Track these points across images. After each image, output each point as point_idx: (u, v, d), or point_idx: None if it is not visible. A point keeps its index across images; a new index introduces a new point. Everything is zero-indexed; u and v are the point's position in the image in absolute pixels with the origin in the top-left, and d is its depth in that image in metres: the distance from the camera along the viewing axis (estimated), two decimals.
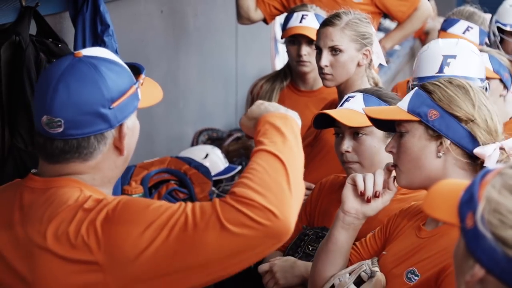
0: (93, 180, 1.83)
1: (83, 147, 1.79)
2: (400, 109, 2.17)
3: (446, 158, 2.12)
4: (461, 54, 2.93)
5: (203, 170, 4.10)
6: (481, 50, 3.56)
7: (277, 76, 4.06)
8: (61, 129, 1.77)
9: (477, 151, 2.07)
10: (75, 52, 1.83)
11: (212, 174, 4.20)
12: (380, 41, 4.62)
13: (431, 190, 1.37)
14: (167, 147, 4.75)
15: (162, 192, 3.91)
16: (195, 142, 5.20)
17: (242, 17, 4.61)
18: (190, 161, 4.13)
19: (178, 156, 4.31)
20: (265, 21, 4.65)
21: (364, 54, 3.21)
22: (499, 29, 4.14)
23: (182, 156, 4.29)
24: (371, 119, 2.29)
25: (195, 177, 4.02)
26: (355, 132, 2.64)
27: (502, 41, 4.13)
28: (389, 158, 2.67)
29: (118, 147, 1.83)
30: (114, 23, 3.44)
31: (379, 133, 2.64)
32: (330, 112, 2.68)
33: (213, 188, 4.22)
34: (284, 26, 3.90)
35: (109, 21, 3.37)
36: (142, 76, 1.87)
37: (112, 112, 1.78)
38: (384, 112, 2.29)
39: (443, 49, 2.94)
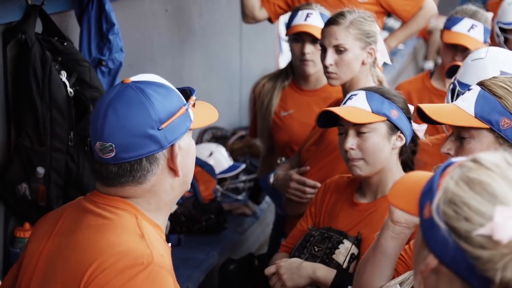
0: (149, 204, 1.83)
1: (136, 170, 1.79)
2: (464, 112, 2.07)
3: None
4: None
5: (208, 168, 4.10)
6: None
7: (279, 75, 4.02)
8: (113, 154, 1.78)
9: None
10: (124, 79, 1.85)
11: (217, 172, 4.21)
12: (384, 40, 4.61)
13: (397, 181, 1.38)
14: None
15: None
16: (199, 141, 5.21)
17: (247, 16, 4.59)
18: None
19: None
20: (269, 20, 4.62)
21: (368, 52, 3.20)
22: (501, 29, 4.12)
23: None
24: (424, 116, 2.17)
25: (199, 175, 4.02)
26: (359, 131, 2.64)
27: (506, 40, 4.11)
28: (392, 155, 2.67)
29: (172, 168, 1.82)
30: (119, 22, 3.45)
31: (383, 130, 2.64)
32: (334, 109, 2.68)
33: (217, 186, 4.23)
34: (289, 24, 3.86)
35: (114, 20, 3.39)
36: (193, 97, 1.87)
37: (161, 133, 1.78)
38: (448, 115, 2.15)
39: (502, 64, 2.78)
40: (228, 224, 4.06)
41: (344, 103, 2.72)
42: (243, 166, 4.56)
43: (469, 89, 2.19)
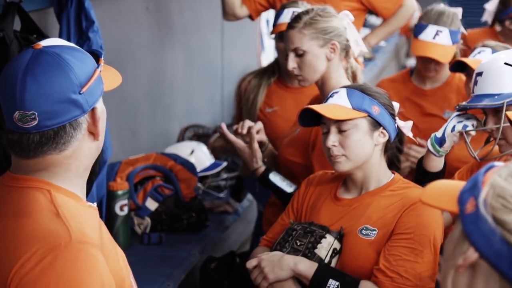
0: (68, 172, 1.81)
1: (60, 136, 1.77)
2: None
3: None
4: None
5: (189, 166, 4.11)
6: (485, 45, 3.58)
7: (265, 72, 4.04)
8: (35, 122, 1.74)
9: None
10: (34, 44, 1.81)
11: (198, 170, 4.22)
12: (365, 38, 4.65)
13: (428, 186, 1.42)
14: (152, 143, 4.76)
15: (147, 188, 3.92)
16: (181, 138, 5.22)
17: (227, 14, 4.59)
18: (175, 157, 4.14)
19: (163, 152, 4.32)
20: (250, 17, 4.63)
21: (331, 48, 3.18)
22: None
23: (167, 153, 4.30)
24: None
25: (180, 173, 4.03)
26: (340, 128, 2.65)
27: None
28: (375, 151, 2.69)
29: (92, 132, 1.82)
30: (99, 20, 3.44)
31: (364, 126, 2.65)
32: (315, 107, 2.69)
33: (199, 184, 4.24)
34: (275, 22, 3.86)
35: (94, 17, 3.37)
36: (102, 60, 1.87)
37: (83, 97, 1.77)
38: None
39: None
40: (209, 222, 4.07)
41: (326, 101, 2.74)
42: (225, 164, 4.57)
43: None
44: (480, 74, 2.81)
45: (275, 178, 3.25)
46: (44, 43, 1.82)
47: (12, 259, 1.68)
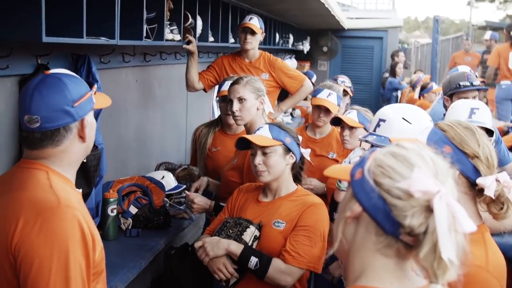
0: (61, 161, 1.66)
1: (56, 135, 1.63)
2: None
3: None
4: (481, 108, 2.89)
5: (159, 185, 3.87)
6: (352, 108, 3.54)
7: (211, 124, 3.91)
8: (38, 124, 1.61)
9: (479, 181, 1.65)
10: (45, 71, 1.71)
11: (166, 189, 3.97)
12: (279, 105, 4.60)
13: (330, 167, 1.29)
14: (137, 172, 4.49)
15: (131, 198, 3.66)
16: (157, 169, 4.95)
17: (189, 87, 4.51)
18: (151, 179, 3.90)
19: (143, 175, 4.06)
20: (204, 90, 4.55)
21: (260, 102, 3.12)
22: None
23: (146, 175, 4.04)
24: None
25: (154, 189, 3.78)
26: (264, 151, 2.50)
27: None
28: (286, 169, 2.51)
29: (81, 136, 1.67)
30: (104, 84, 3.24)
31: (280, 151, 2.52)
32: (248, 136, 2.57)
33: (166, 199, 3.98)
34: (219, 89, 3.79)
35: (98, 78, 3.19)
36: (95, 86, 1.77)
37: (74, 109, 1.64)
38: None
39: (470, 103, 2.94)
40: (172, 223, 3.81)
41: (254, 133, 2.60)
42: (184, 186, 4.32)
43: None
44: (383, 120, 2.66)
45: (221, 204, 3.10)
46: (53, 71, 1.70)
47: (13, 220, 1.50)
